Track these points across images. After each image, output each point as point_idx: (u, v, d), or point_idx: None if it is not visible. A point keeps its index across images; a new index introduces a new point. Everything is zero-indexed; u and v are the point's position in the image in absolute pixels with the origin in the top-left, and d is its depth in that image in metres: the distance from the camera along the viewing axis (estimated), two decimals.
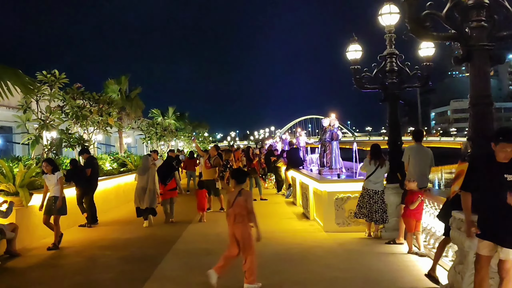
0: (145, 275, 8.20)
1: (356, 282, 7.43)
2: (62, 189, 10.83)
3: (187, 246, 10.58)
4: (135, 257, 9.79)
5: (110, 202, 17.22)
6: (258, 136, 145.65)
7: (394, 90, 10.81)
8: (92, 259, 9.71)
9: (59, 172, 10.92)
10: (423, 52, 10.88)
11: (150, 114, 38.14)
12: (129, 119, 28.96)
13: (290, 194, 18.37)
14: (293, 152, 19.14)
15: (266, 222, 13.35)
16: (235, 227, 7.27)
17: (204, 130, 65.57)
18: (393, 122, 10.84)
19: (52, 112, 14.82)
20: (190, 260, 9.29)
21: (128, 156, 22.45)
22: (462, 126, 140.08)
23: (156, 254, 9.75)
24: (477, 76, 6.35)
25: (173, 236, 11.56)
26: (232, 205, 7.26)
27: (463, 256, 5.85)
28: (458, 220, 5.93)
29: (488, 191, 5.23)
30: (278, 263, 8.74)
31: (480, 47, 6.29)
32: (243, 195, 7.26)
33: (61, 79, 14.88)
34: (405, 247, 9.20)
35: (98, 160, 17.82)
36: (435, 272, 7.05)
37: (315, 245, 10.24)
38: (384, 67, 10.85)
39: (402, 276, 7.44)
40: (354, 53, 11.14)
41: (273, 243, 10.52)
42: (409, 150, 9.80)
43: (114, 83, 26.74)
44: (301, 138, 24.39)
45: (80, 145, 15.86)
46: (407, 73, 10.91)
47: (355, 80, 11.01)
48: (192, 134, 48.92)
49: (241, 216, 7.21)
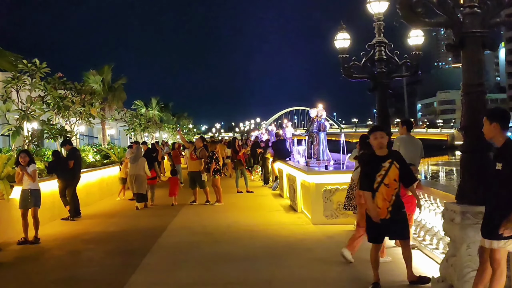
0: (130, 269, 7.97)
1: (346, 276, 7.27)
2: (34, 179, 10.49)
3: (173, 239, 10.36)
4: (119, 250, 9.56)
5: (94, 194, 16.90)
6: (243, 128, 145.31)
7: (383, 80, 10.59)
8: (75, 253, 9.49)
9: (33, 165, 10.57)
10: (412, 40, 10.69)
11: (133, 106, 37.63)
12: (111, 110, 28.49)
13: (277, 186, 18.18)
14: (279, 144, 18.95)
15: (253, 215, 13.23)
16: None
17: (188, 121, 65.08)
18: (382, 112, 10.66)
19: (33, 103, 14.47)
20: (175, 253, 9.08)
21: (111, 148, 22.09)
22: (449, 117, 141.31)
23: (141, 247, 9.53)
24: (470, 64, 6.14)
25: (158, 229, 11.32)
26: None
27: (455, 248, 5.68)
28: (451, 211, 5.76)
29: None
30: (265, 257, 8.53)
31: (473, 33, 6.09)
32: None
33: (42, 69, 14.51)
34: None
35: (81, 152, 17.50)
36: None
37: (304, 238, 10.07)
38: (373, 56, 10.62)
39: (392, 269, 7.28)
40: (342, 41, 10.91)
41: (260, 236, 10.36)
42: (399, 141, 9.60)
43: (95, 74, 26.20)
44: (288, 129, 24.20)
45: (62, 136, 15.48)
46: (396, 62, 10.69)
47: (343, 69, 10.79)
48: (176, 126, 48.47)
49: None
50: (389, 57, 10.66)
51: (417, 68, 10.81)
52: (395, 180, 6.40)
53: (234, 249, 9.26)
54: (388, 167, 6.38)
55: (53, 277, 7.80)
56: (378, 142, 6.47)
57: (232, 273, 7.59)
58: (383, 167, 6.38)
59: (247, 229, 11.12)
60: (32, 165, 10.48)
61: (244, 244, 9.71)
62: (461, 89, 6.17)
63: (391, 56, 10.69)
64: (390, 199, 6.38)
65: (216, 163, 15.39)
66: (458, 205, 5.65)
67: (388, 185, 6.37)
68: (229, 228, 11.41)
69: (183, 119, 61.71)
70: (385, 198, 6.38)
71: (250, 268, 7.84)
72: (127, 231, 11.51)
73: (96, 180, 17.61)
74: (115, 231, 11.61)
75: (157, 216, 13.54)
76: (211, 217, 13.07)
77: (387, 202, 6.38)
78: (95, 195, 17.06)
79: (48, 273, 8.02)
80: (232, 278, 7.37)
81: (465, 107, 6.11)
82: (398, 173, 6.40)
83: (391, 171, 6.37)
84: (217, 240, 10.14)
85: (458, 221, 5.54)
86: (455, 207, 5.65)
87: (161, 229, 11.29)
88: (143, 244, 9.82)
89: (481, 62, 6.28)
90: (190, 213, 14.00)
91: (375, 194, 6.41)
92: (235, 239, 10.13)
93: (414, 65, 10.77)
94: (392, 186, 6.38)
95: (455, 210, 5.63)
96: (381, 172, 6.37)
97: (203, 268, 7.95)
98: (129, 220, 13.17)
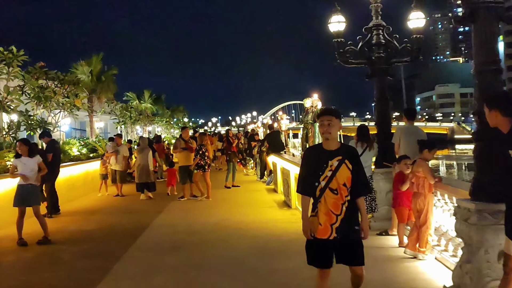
0: (101, 273, 7.13)
1: (343, 283, 6.41)
2: (40, 176, 9.68)
3: (153, 239, 9.49)
4: (92, 252, 8.68)
5: (77, 189, 16.03)
6: (240, 122, 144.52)
7: (382, 65, 9.77)
8: (42, 255, 8.57)
9: (38, 156, 9.70)
10: (413, 23, 9.84)
11: (125, 98, 36.74)
12: (100, 102, 27.58)
13: (271, 181, 17.34)
14: (274, 136, 18.11)
15: (244, 211, 12.41)
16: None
17: (184, 115, 64.01)
18: (380, 100, 9.83)
19: (10, 93, 13.60)
20: (153, 256, 8.20)
21: (99, 141, 21.22)
22: (448, 111, 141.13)
23: (117, 249, 8.67)
24: (483, 39, 5.28)
25: (139, 227, 10.46)
26: None
27: (471, 253, 4.84)
28: (464, 209, 4.92)
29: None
30: (255, 260, 7.66)
31: (486, 3, 5.24)
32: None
33: (19, 57, 13.66)
34: (396, 239, 8.20)
35: (65, 145, 16.67)
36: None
37: (297, 237, 9.08)
38: (370, 40, 9.81)
39: (396, 275, 6.44)
40: (337, 24, 10.00)
41: (250, 235, 9.51)
42: (400, 130, 8.74)
43: (84, 65, 25.28)
44: (283, 121, 23.42)
45: (42, 128, 14.60)
46: (395, 46, 9.87)
47: (339, 54, 9.93)
48: (170, 119, 47.53)
49: None
50: (388, 41, 9.86)
51: (418, 53, 9.99)
52: (345, 186, 4.65)
53: (221, 251, 8.41)
54: (337, 166, 4.65)
55: (10, 283, 6.98)
56: (324, 130, 4.72)
57: (216, 280, 6.75)
58: (330, 166, 4.66)
59: (236, 227, 10.28)
60: (37, 157, 9.65)
61: (232, 245, 8.86)
62: (473, 68, 5.32)
63: (390, 40, 9.88)
64: (339, 211, 4.62)
65: (201, 158, 14.46)
66: (473, 203, 4.82)
67: (336, 191, 4.63)
68: (217, 226, 10.57)
69: (178, 113, 60.72)
70: (330, 210, 4.62)
71: (237, 274, 7.00)
72: (105, 230, 10.63)
73: (81, 174, 16.74)
74: (93, 229, 10.74)
75: (140, 213, 12.71)
76: (198, 214, 12.22)
77: (332, 216, 4.61)
78: (79, 190, 16.18)
79: (5, 278, 7.21)
80: (214, 286, 6.55)
81: (478, 88, 5.27)
82: (351, 177, 4.67)
83: (340, 173, 4.63)
84: (202, 240, 9.28)
85: (474, 221, 4.72)
86: (469, 205, 4.83)
87: (142, 228, 10.44)
88: (119, 245, 8.95)
89: (496, 36, 5.44)
90: (176, 209, 13.20)
91: (317, 204, 4.70)
92: (222, 239, 9.28)
93: (415, 50, 9.95)
94: (342, 193, 4.63)
95: (469, 208, 4.81)
96: (326, 173, 4.65)
97: (182, 275, 7.07)
98: (110, 217, 12.32)
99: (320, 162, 4.69)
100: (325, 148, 4.75)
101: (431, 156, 7.33)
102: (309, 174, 4.77)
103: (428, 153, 7.27)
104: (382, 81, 9.84)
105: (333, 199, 4.62)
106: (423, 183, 7.11)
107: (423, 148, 7.32)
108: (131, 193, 16.21)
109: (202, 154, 14.40)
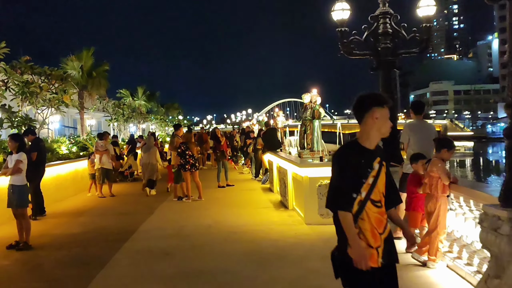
0: (81, 284, 6.50)
1: None
2: (13, 172, 8.86)
3: (141, 245, 8.78)
4: (76, 259, 7.98)
5: (66, 189, 15.33)
6: (235, 119, 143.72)
7: (388, 57, 9.17)
8: (21, 262, 7.88)
9: (21, 153, 8.95)
10: (422, 11, 9.22)
11: (118, 95, 36.06)
12: (92, 99, 26.81)
13: (267, 180, 16.68)
14: (269, 133, 17.43)
15: (238, 212, 11.74)
16: None
17: (178, 112, 63.23)
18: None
19: None
20: (140, 263, 7.54)
21: (90, 139, 20.48)
22: (441, 108, 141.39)
23: (101, 255, 8.00)
24: None
25: (127, 231, 9.77)
26: None
27: (500, 267, 4.20)
28: (493, 217, 4.28)
29: None
30: (250, 269, 7.02)
31: None
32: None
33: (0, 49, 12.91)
34: (403, 243, 7.55)
35: (54, 143, 15.95)
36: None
37: (295, 242, 8.57)
38: (376, 30, 9.21)
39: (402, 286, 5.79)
40: (340, 12, 9.39)
41: (244, 239, 8.85)
42: (409, 128, 7.98)
43: (75, 60, 24.50)
44: (279, 118, 22.77)
45: (26, 125, 13.87)
46: (403, 36, 9.27)
47: (342, 44, 9.31)
48: (165, 117, 46.79)
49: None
50: (395, 30, 9.26)
51: (427, 43, 9.42)
52: (383, 195, 3.62)
53: (213, 257, 7.74)
54: (378, 170, 3.58)
55: None
56: (389, 125, 3.66)
57: None
58: (372, 171, 3.56)
59: (230, 231, 9.62)
60: (20, 154, 8.89)
61: (226, 250, 8.20)
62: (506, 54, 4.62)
63: (397, 29, 9.28)
64: (382, 229, 3.57)
65: (182, 157, 13.69)
66: (504, 210, 4.16)
67: (379, 203, 3.58)
68: (209, 229, 9.90)
69: (172, 110, 59.98)
70: (375, 228, 3.54)
71: (229, 281, 6.40)
72: (92, 234, 9.92)
73: (69, 173, 16.01)
74: (79, 233, 10.05)
75: (130, 215, 12.03)
76: (190, 216, 11.54)
77: (377, 236, 3.53)
78: (68, 190, 15.48)
79: None
80: None
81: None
82: (385, 184, 3.65)
83: (381, 178, 3.59)
84: (194, 245, 8.61)
85: (506, 231, 4.08)
86: (500, 212, 4.18)
87: (130, 231, 9.75)
88: (105, 251, 8.27)
89: None
90: (167, 211, 12.50)
91: (357, 221, 3.53)
92: (215, 244, 8.62)
93: (424, 40, 9.34)
94: (383, 205, 3.62)
95: (501, 217, 4.16)
96: (368, 179, 3.54)
97: (169, 286, 6.43)
98: (98, 219, 11.60)
99: (364, 165, 3.54)
100: (366, 146, 3.60)
101: (449, 156, 6.67)
102: (352, 182, 3.51)
103: (447, 153, 6.62)
104: (387, 74, 9.24)
105: (376, 214, 3.53)
106: (436, 184, 6.48)
107: (442, 147, 6.66)
108: (122, 193, 15.63)
109: (182, 153, 13.68)
